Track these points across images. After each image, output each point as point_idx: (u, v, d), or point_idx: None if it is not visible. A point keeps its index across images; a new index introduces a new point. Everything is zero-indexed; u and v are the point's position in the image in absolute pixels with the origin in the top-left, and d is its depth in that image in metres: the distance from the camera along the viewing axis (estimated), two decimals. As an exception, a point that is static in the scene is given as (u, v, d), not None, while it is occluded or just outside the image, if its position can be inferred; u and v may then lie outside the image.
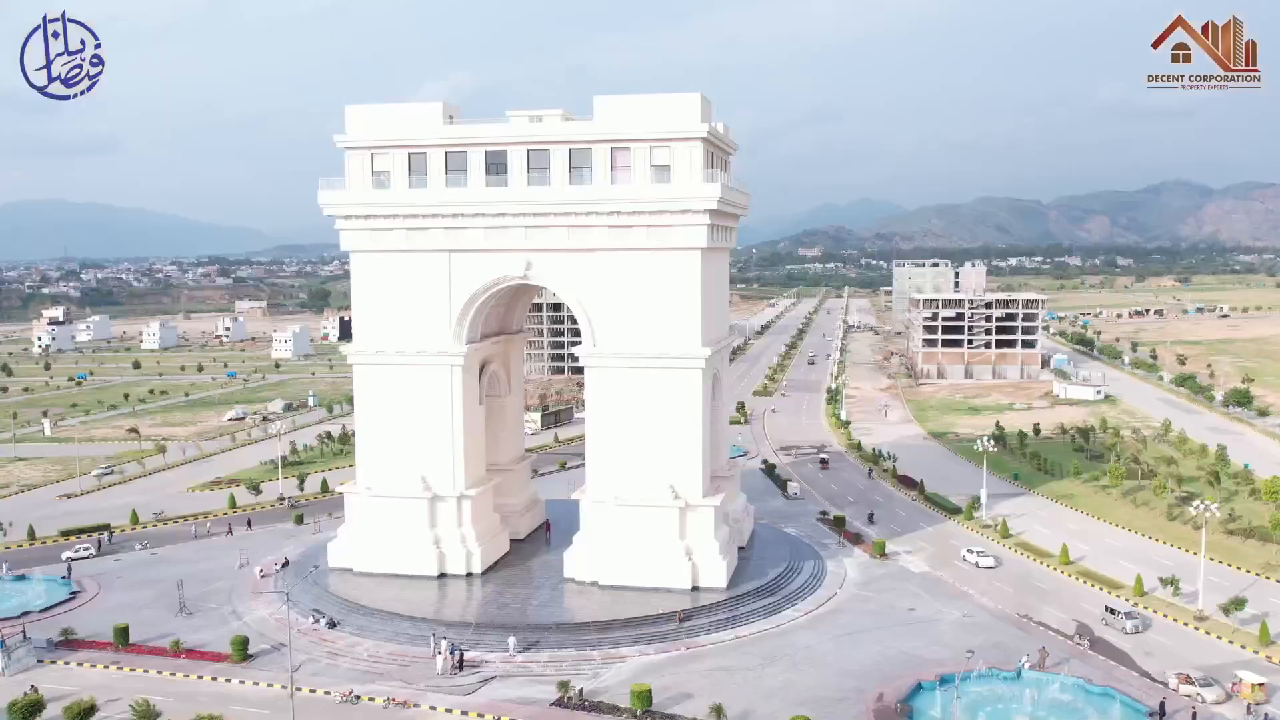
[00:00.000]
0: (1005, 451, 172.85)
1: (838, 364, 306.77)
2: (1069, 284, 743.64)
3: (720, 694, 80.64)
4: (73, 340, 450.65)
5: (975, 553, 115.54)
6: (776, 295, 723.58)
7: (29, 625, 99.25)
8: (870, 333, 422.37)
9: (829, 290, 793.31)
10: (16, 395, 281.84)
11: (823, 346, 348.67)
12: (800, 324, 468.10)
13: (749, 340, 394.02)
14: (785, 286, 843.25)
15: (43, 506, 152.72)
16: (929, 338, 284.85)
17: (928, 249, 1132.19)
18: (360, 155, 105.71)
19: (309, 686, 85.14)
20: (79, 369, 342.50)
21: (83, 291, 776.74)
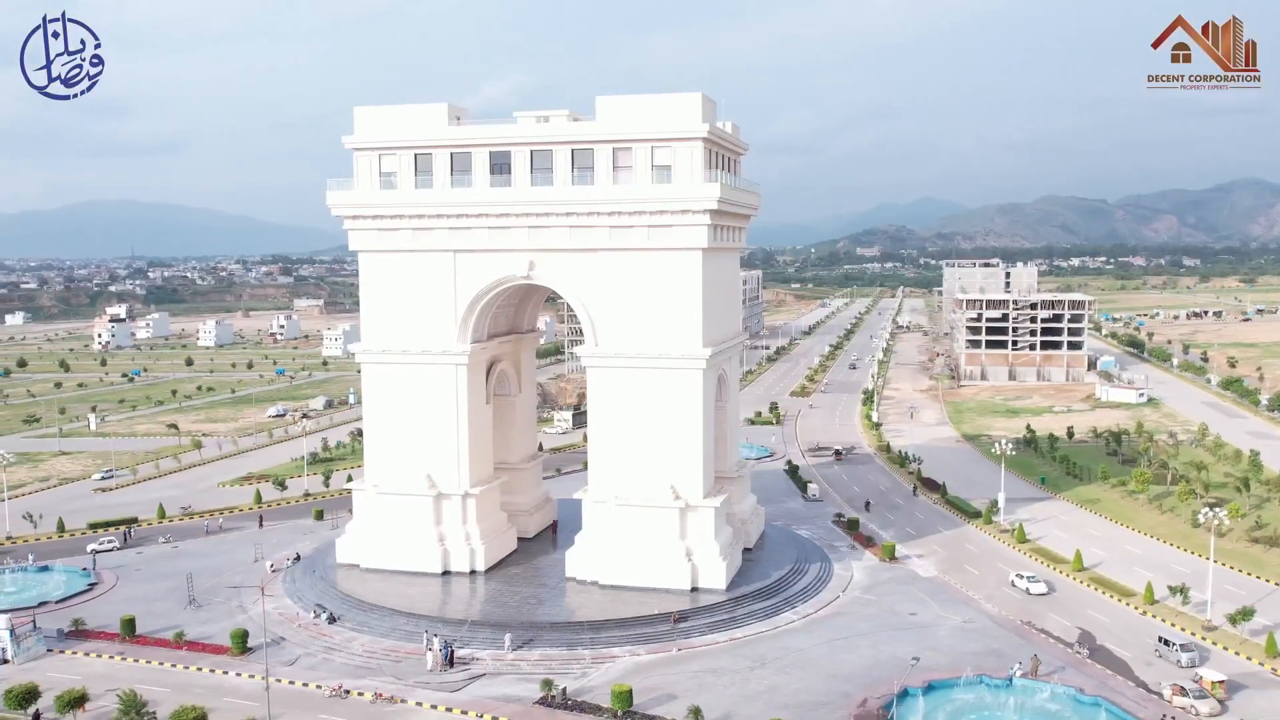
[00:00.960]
0: (1035, 455, 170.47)
1: (878, 364, 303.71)
2: (1130, 284, 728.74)
3: (703, 696, 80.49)
4: (132, 337, 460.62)
5: (1026, 578, 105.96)
6: (830, 295, 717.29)
7: (46, 615, 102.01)
8: (920, 333, 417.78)
9: (884, 290, 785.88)
10: (71, 390, 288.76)
11: (868, 348, 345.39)
12: (849, 324, 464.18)
13: (794, 340, 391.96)
14: (841, 286, 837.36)
15: (78, 499, 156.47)
16: (973, 339, 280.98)
17: (989, 249, 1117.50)
18: (368, 156, 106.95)
19: (301, 680, 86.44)
20: (134, 365, 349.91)
21: (148, 289, 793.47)
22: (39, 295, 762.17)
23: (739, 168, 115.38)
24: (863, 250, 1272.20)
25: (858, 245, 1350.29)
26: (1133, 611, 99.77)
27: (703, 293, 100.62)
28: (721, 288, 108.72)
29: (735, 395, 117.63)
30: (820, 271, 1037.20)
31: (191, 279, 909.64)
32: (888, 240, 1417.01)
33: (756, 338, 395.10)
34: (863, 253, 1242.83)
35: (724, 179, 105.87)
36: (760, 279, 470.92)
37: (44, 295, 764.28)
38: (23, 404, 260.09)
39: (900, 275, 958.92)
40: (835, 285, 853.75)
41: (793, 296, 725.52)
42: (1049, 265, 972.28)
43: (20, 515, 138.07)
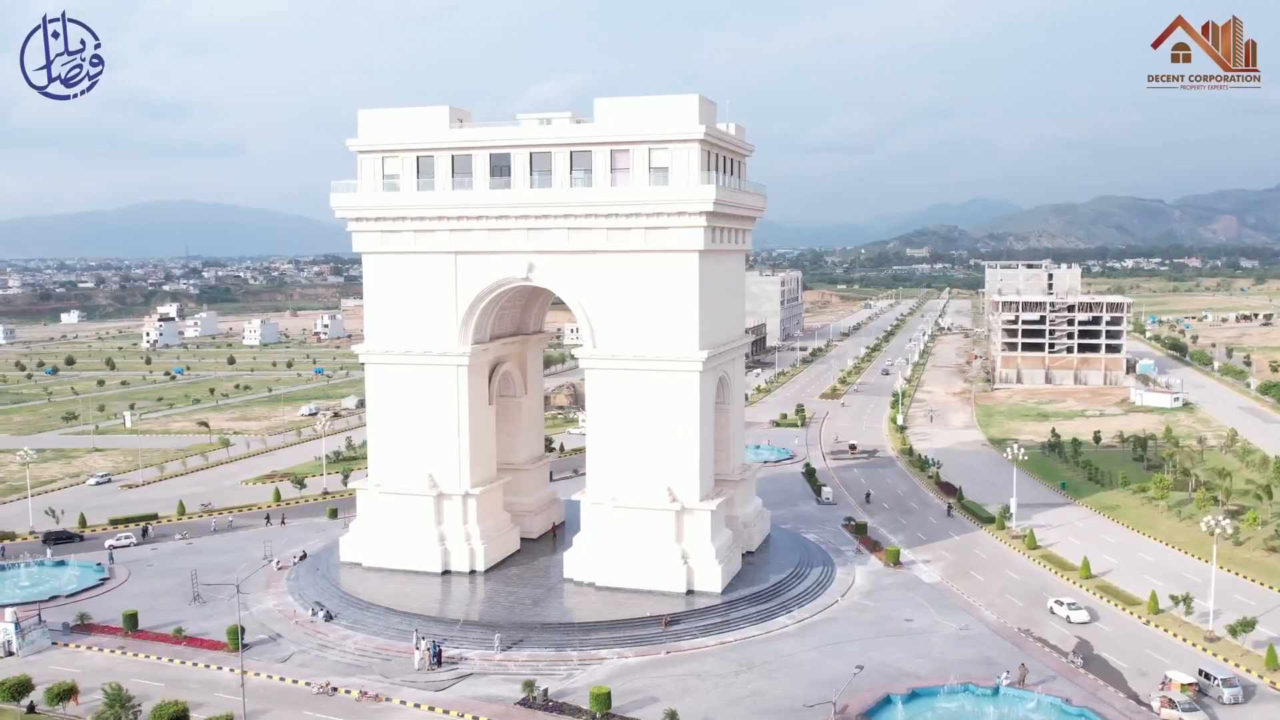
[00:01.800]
0: (1059, 460, 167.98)
1: (913, 367, 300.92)
2: (1182, 286, 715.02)
3: (684, 699, 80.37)
4: (180, 336, 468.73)
5: (1066, 605, 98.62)
6: (875, 296, 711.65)
7: (57, 609, 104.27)
8: (961, 335, 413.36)
9: (930, 291, 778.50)
10: (114, 388, 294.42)
11: (904, 351, 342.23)
12: (890, 326, 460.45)
13: (831, 342, 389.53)
14: (889, 287, 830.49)
15: (105, 495, 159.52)
16: (1009, 341, 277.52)
17: (1041, 250, 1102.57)
18: (372, 158, 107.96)
19: (292, 677, 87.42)
20: (178, 364, 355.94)
21: (201, 289, 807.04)
22: (95, 294, 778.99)
23: (744, 170, 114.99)
24: (912, 251, 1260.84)
25: (908, 246, 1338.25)
26: (1135, 621, 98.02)
27: (699, 295, 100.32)
28: (722, 290, 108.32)
29: (739, 398, 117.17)
30: (868, 272, 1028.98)
31: (244, 278, 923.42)
32: (939, 241, 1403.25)
33: (793, 339, 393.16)
34: (912, 253, 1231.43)
35: (726, 181, 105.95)
36: (800, 280, 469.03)
37: (100, 294, 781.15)
38: (66, 401, 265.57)
39: (949, 276, 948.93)
40: (883, 286, 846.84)
41: (838, 298, 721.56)
42: (1102, 266, 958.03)
43: (43, 511, 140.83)
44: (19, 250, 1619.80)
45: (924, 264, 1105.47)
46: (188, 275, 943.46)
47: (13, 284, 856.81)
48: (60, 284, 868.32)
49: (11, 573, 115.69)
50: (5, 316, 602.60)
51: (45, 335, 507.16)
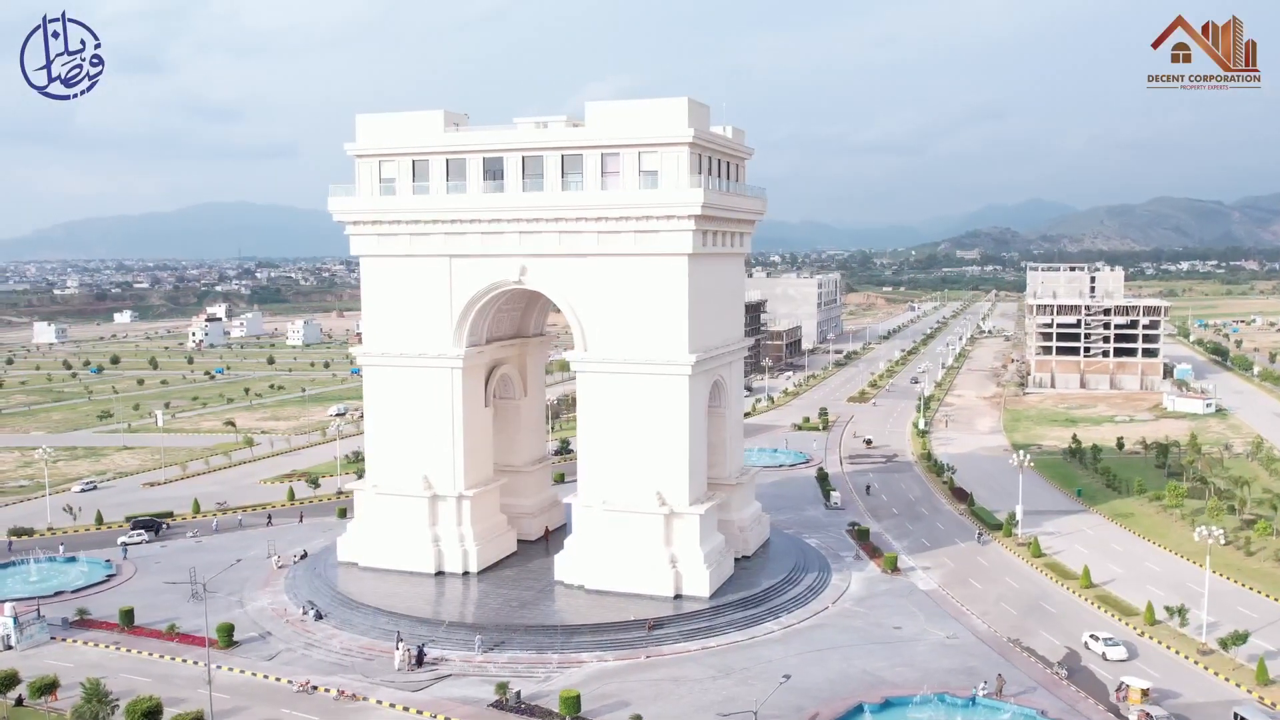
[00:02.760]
0: (1079, 466, 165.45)
1: (946, 371, 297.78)
2: (1236, 289, 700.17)
3: (656, 704, 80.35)
4: (225, 336, 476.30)
5: (1103, 640, 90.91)
6: (921, 299, 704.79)
7: (62, 604, 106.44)
8: (1002, 338, 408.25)
9: (977, 294, 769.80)
10: (153, 387, 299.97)
11: (939, 355, 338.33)
12: (931, 329, 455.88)
13: (868, 345, 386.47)
14: (936, 289, 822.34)
15: (127, 493, 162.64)
16: (1044, 345, 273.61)
17: (1095, 252, 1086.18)
18: (369, 162, 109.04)
19: (275, 675, 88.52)
20: (220, 364, 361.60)
21: (253, 289, 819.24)
22: (150, 295, 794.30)
23: (742, 173, 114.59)
24: (963, 253, 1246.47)
25: (958, 248, 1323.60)
26: (1130, 632, 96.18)
27: (689, 298, 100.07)
28: (716, 293, 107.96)
29: (736, 401, 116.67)
30: (917, 274, 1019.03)
31: (295, 279, 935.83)
32: (991, 243, 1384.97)
33: (830, 342, 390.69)
34: (962, 255, 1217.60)
35: (722, 184, 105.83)
36: (839, 282, 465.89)
37: (154, 294, 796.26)
38: (105, 400, 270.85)
39: (999, 279, 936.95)
40: (931, 289, 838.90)
41: (883, 300, 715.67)
42: (1156, 269, 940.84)
43: (61, 508, 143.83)
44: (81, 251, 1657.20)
45: (974, 266, 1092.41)
46: (241, 276, 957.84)
47: (71, 284, 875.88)
48: (117, 284, 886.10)
49: (21, 568, 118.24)
50: (62, 316, 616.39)
51: (96, 335, 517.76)
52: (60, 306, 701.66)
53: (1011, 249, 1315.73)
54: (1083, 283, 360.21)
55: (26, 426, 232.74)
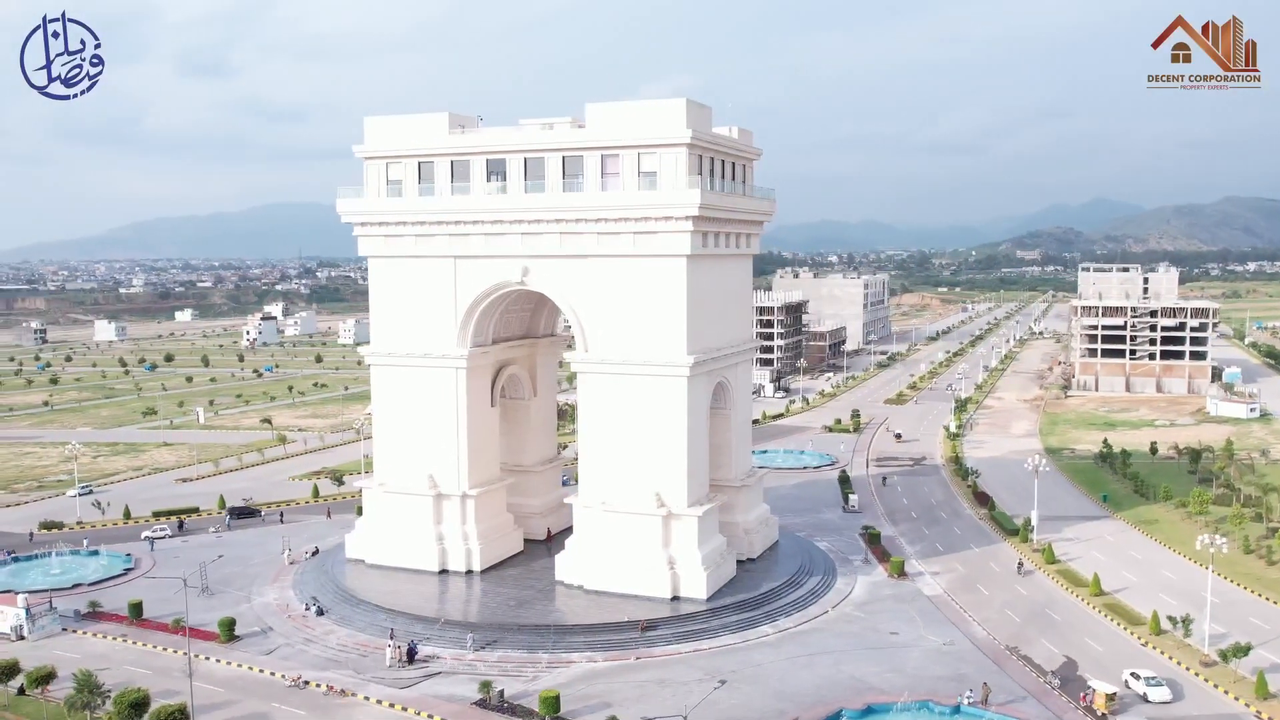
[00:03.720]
0: (1110, 471, 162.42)
1: (990, 373, 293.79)
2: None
3: (636, 706, 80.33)
4: (279, 334, 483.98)
5: (1145, 680, 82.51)
6: (977, 300, 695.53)
7: (80, 596, 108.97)
8: (1053, 340, 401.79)
9: (1034, 294, 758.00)
10: (202, 385, 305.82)
11: (984, 357, 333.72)
12: (981, 330, 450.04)
13: (914, 346, 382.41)
14: (994, 290, 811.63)
15: (159, 488, 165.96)
16: (1089, 347, 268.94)
17: (1159, 252, 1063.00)
18: (377, 164, 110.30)
19: (271, 669, 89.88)
20: (270, 362, 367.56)
21: (312, 288, 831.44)
22: (212, 293, 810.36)
23: (749, 174, 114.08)
24: (1023, 253, 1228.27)
25: (1019, 248, 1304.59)
26: (1133, 641, 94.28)
27: (688, 300, 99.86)
28: (719, 294, 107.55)
29: (742, 403, 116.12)
30: (975, 275, 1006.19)
31: (354, 279, 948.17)
32: (1053, 243, 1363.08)
33: (875, 343, 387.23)
34: (1023, 255, 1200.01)
35: (726, 186, 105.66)
36: (887, 283, 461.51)
37: (217, 293, 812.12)
38: (154, 396, 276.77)
39: (1058, 279, 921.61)
40: (989, 289, 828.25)
41: (938, 301, 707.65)
42: (1222, 269, 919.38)
43: (90, 503, 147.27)
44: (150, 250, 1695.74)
45: (1034, 267, 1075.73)
46: (301, 275, 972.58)
47: (136, 283, 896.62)
48: (181, 283, 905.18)
49: (44, 561, 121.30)
50: (126, 314, 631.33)
51: (154, 333, 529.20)
52: (125, 305, 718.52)
53: (1074, 249, 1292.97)
54: (1135, 284, 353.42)
55: (74, 423, 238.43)
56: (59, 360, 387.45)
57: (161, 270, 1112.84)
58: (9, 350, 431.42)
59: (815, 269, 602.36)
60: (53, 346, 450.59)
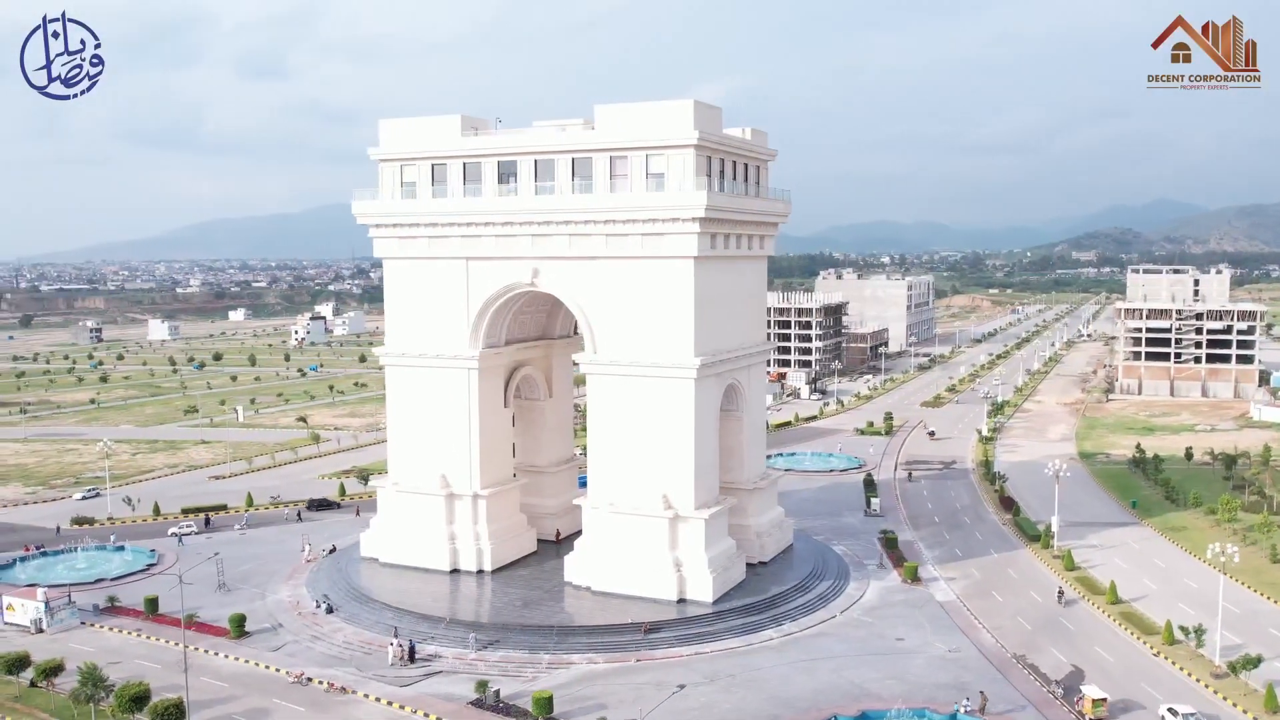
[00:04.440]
0: (1142, 476, 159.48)
1: (1031, 375, 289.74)
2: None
3: (630, 708, 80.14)
4: (327, 334, 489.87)
5: (1182, 715, 77.16)
6: (1029, 301, 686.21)
7: (102, 590, 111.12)
8: (1101, 342, 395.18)
9: (1087, 296, 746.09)
10: (246, 384, 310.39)
11: (1029, 360, 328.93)
12: (1029, 332, 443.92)
13: (958, 348, 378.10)
14: (1047, 292, 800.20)
15: (193, 485, 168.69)
16: (1133, 350, 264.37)
17: (1220, 254, 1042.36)
18: (391, 167, 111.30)
19: (277, 665, 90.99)
20: (314, 361, 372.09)
21: (364, 289, 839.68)
22: (266, 293, 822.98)
23: (763, 175, 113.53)
24: (1079, 254, 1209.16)
25: (1076, 249, 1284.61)
26: (1145, 651, 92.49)
27: (695, 301, 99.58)
28: (730, 296, 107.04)
29: (755, 406, 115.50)
30: (1030, 276, 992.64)
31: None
32: (1111, 244, 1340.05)
33: (919, 345, 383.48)
34: (1079, 257, 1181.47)
35: (738, 188, 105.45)
36: (931, 284, 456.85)
37: (271, 293, 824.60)
38: (199, 395, 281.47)
39: (1114, 281, 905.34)
40: (1042, 291, 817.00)
41: (989, 302, 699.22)
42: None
43: (122, 499, 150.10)
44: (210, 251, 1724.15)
45: (1090, 268, 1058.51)
46: (355, 275, 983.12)
47: (194, 283, 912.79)
48: (237, 283, 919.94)
49: (70, 556, 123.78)
50: (182, 314, 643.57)
51: (206, 332, 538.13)
52: (181, 304, 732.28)
53: (1132, 250, 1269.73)
54: (1185, 286, 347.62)
55: (119, 420, 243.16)
56: (110, 359, 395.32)
57: (219, 270, 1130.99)
58: (65, 349, 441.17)
59: (866, 270, 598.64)
60: (107, 345, 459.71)
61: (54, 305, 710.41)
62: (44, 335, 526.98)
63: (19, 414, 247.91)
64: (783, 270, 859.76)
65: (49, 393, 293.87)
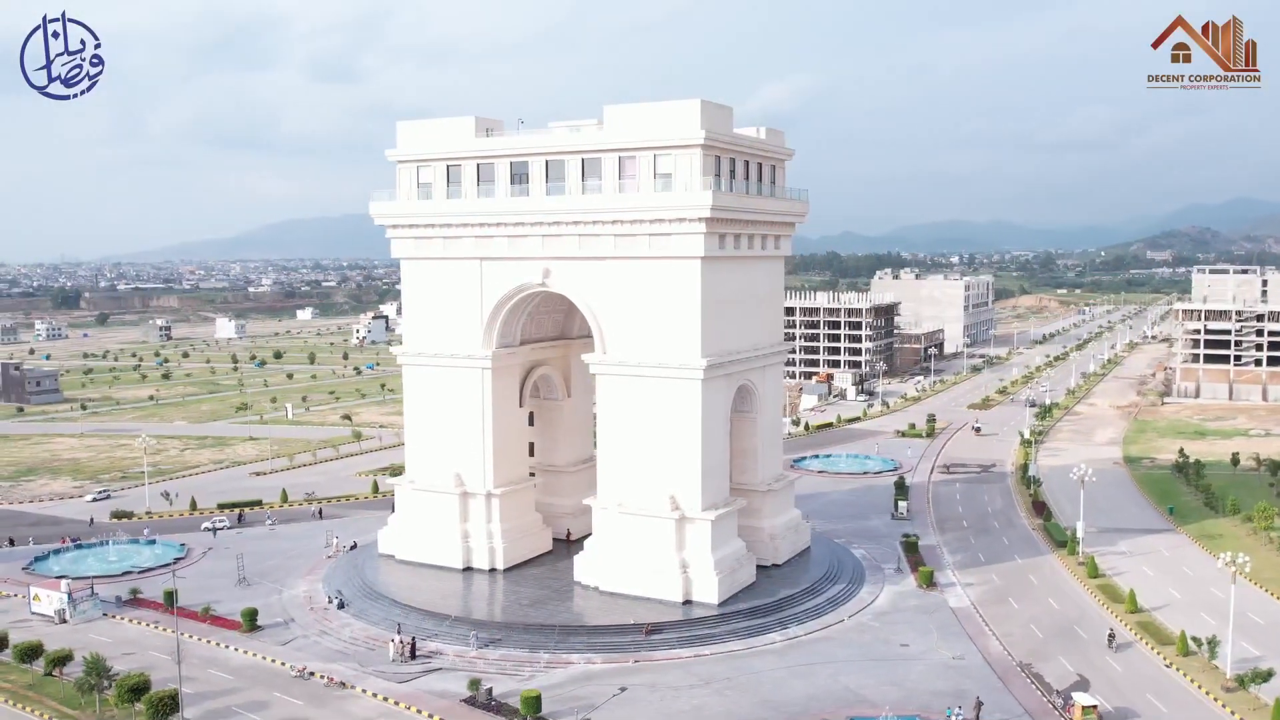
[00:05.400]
0: (1184, 482, 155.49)
1: (1087, 378, 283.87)
2: None
3: (620, 710, 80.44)
4: (387, 332, 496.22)
5: None
6: (1096, 302, 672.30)
7: (129, 582, 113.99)
8: (1167, 344, 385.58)
9: (1157, 296, 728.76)
10: (303, 381, 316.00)
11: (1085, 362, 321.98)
12: (1091, 334, 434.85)
13: (1015, 350, 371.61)
14: (1117, 292, 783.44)
15: (234, 481, 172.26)
16: (1192, 352, 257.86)
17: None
18: (408, 168, 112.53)
19: (283, 659, 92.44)
20: (372, 359, 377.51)
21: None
22: (335, 292, 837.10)
23: (779, 175, 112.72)
24: (1154, 254, 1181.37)
25: (1151, 249, 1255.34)
26: (1157, 662, 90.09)
27: (703, 302, 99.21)
28: (742, 297, 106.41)
29: (770, 407, 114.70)
30: (1102, 276, 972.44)
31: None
32: (1187, 243, 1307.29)
33: (974, 345, 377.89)
34: (1153, 256, 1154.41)
35: (751, 187, 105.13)
36: (991, 285, 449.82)
37: (339, 292, 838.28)
38: (254, 391, 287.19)
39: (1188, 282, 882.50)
40: (1114, 291, 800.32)
41: (1057, 302, 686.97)
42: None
43: (160, 494, 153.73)
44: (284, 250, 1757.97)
45: (1164, 268, 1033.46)
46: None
47: (265, 282, 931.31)
48: (308, 282, 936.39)
49: (103, 548, 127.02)
50: (253, 313, 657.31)
51: (272, 330, 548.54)
52: (251, 304, 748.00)
53: (1210, 250, 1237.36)
54: (1252, 286, 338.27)
55: (174, 416, 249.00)
56: (176, 356, 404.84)
57: (292, 270, 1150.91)
58: (134, 346, 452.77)
59: (934, 269, 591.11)
60: (175, 343, 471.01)
61: (130, 304, 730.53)
62: (118, 333, 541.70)
63: (79, 410, 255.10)
64: (849, 270, 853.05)
65: (112, 389, 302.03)
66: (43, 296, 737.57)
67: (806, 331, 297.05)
